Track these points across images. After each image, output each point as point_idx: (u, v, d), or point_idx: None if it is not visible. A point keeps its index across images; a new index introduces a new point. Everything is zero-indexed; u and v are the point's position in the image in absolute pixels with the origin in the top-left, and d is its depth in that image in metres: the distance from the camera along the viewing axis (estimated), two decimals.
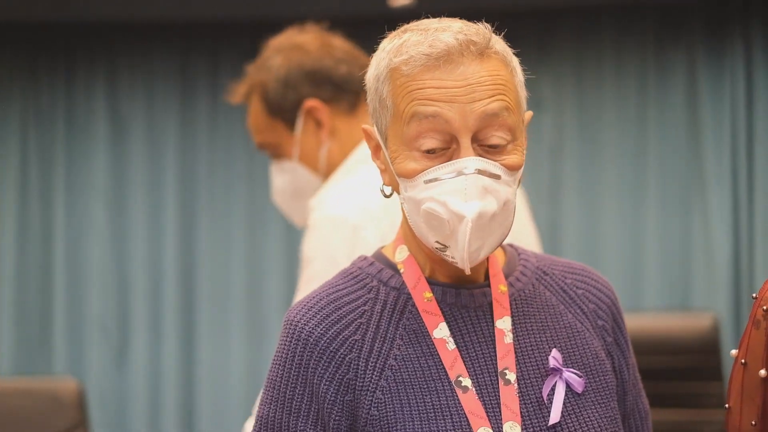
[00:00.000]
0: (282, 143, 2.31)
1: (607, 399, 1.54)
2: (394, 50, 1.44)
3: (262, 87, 2.30)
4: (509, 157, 1.42)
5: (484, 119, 1.39)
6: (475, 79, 1.39)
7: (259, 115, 2.32)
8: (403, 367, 1.46)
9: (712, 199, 5.28)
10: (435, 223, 1.41)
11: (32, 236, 5.54)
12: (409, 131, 1.41)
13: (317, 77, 2.29)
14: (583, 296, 1.61)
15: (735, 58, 5.32)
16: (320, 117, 2.27)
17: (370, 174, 2.15)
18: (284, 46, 2.34)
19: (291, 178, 2.33)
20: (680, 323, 4.69)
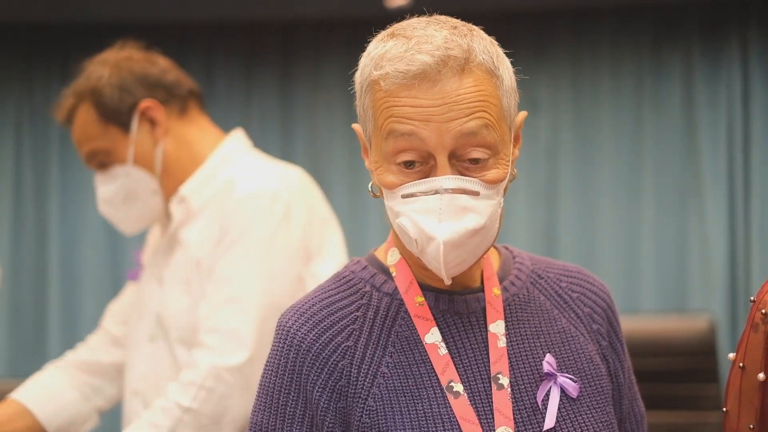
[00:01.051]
0: (115, 148, 2.35)
1: (603, 404, 1.53)
2: (375, 61, 1.41)
3: (93, 95, 2.34)
4: (490, 173, 1.40)
5: (460, 138, 1.37)
6: (452, 98, 1.36)
7: (91, 123, 2.35)
8: (395, 374, 1.45)
9: (708, 200, 5.28)
10: (406, 238, 1.42)
11: (27, 238, 5.53)
12: (387, 147, 1.40)
13: (149, 81, 2.37)
14: (578, 300, 1.61)
15: (731, 60, 5.33)
16: (156, 116, 2.35)
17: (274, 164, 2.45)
18: (108, 60, 2.39)
19: (123, 182, 2.37)
20: (676, 325, 4.69)
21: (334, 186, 5.52)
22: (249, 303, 2.18)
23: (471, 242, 1.39)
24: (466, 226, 1.37)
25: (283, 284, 2.26)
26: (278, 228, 2.25)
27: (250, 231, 2.23)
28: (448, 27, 1.41)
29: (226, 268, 2.22)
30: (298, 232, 2.29)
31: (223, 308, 2.18)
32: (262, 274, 2.22)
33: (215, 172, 2.37)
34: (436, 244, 1.37)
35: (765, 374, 1.34)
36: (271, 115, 5.58)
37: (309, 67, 5.57)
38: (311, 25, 5.56)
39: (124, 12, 5.30)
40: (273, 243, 2.24)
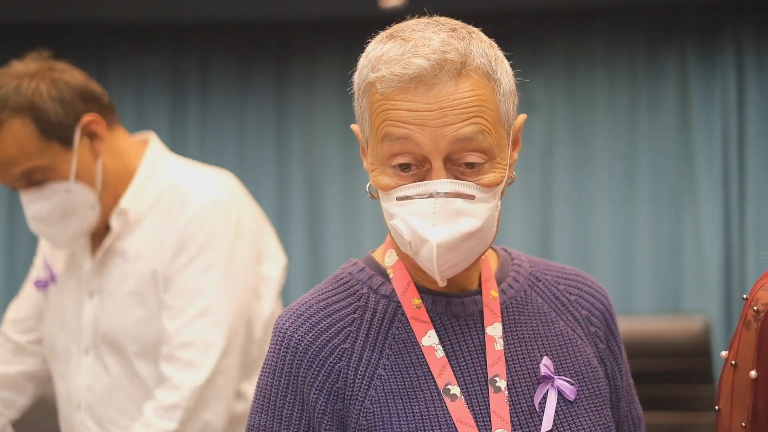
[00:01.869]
0: (56, 164, 2.26)
1: (600, 406, 1.53)
2: (373, 63, 1.41)
3: (31, 110, 2.23)
4: (486, 177, 1.40)
5: (455, 143, 1.36)
6: (448, 102, 1.36)
7: (29, 139, 2.23)
8: (392, 377, 1.45)
9: (703, 201, 5.28)
10: (400, 240, 1.41)
11: (20, 240, 5.52)
12: (382, 150, 1.40)
13: (85, 94, 2.31)
14: (575, 302, 1.60)
15: (726, 62, 5.33)
16: (98, 130, 2.30)
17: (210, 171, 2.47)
18: (32, 72, 2.28)
19: (61, 199, 2.29)
20: (671, 326, 4.69)
21: (330, 187, 5.51)
22: (220, 315, 2.23)
23: (465, 245, 1.39)
24: (460, 229, 1.37)
25: (246, 292, 2.31)
26: (235, 237, 2.30)
27: (212, 243, 2.26)
28: (446, 29, 1.41)
29: (191, 282, 2.24)
30: (249, 239, 2.34)
31: (195, 322, 2.21)
32: (229, 285, 2.26)
33: (148, 180, 2.37)
34: (430, 246, 1.36)
35: (757, 372, 1.34)
36: (267, 116, 5.58)
37: (304, 67, 5.57)
38: (306, 26, 5.55)
39: (118, 12, 5.29)
40: (233, 253, 2.28)
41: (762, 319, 1.34)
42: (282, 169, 5.53)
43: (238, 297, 2.27)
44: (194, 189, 2.32)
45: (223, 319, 2.22)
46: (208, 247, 2.25)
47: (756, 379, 1.34)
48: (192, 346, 2.19)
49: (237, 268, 2.28)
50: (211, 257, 2.25)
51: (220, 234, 2.27)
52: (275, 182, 5.50)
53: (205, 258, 2.25)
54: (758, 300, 1.35)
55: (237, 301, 2.26)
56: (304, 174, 5.55)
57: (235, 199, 2.35)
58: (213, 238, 2.26)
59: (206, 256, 2.25)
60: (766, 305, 1.34)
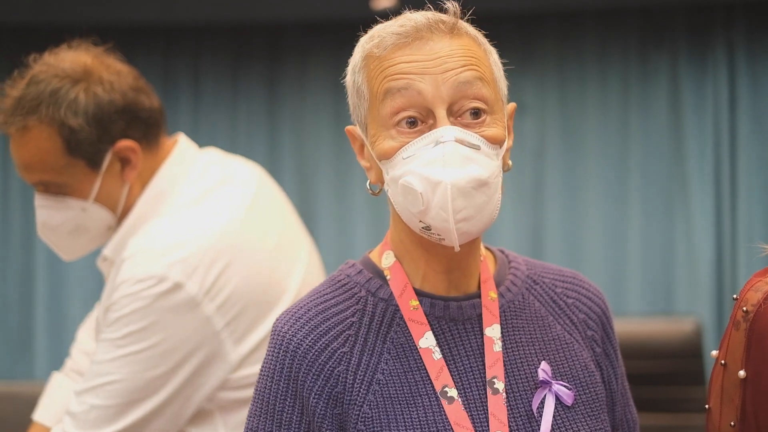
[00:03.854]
0: (77, 183, 2.08)
1: (597, 411, 1.53)
2: (367, 39, 1.46)
3: (62, 126, 2.03)
4: (488, 129, 1.41)
5: (457, 88, 1.39)
6: (446, 52, 1.40)
7: (53, 154, 2.05)
8: (390, 381, 1.45)
9: (694, 203, 5.30)
10: (411, 198, 1.40)
11: (13, 241, 5.51)
12: (384, 109, 1.41)
13: (128, 114, 2.10)
14: (573, 305, 1.60)
15: (717, 63, 5.34)
16: (132, 158, 2.10)
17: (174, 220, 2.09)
18: (77, 75, 2.07)
19: (75, 215, 2.11)
20: (663, 328, 4.69)
21: (321, 187, 5.52)
22: (116, 398, 2.01)
23: (477, 196, 1.38)
24: (471, 173, 1.37)
25: (165, 378, 2.05)
26: (156, 321, 1.99)
27: (123, 323, 1.99)
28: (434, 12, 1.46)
29: (101, 355, 2.02)
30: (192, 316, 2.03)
31: (86, 395, 2.02)
32: (139, 368, 2.02)
33: (132, 227, 2.13)
34: (443, 188, 1.36)
35: (746, 372, 1.34)
36: (258, 117, 5.58)
37: (295, 68, 5.57)
38: (298, 27, 5.56)
39: (110, 14, 5.28)
40: (149, 337, 2.00)
41: (751, 320, 1.34)
42: (273, 170, 5.52)
43: (148, 380, 1.99)
44: (131, 256, 2.02)
45: (119, 400, 1.98)
46: (121, 326, 1.98)
47: (745, 379, 1.35)
48: (74, 419, 2.00)
49: (154, 351, 1.98)
50: (120, 335, 1.98)
51: (137, 313, 1.97)
52: None
53: (115, 335, 1.99)
54: (747, 300, 1.36)
55: (147, 384, 1.99)
56: (296, 174, 5.55)
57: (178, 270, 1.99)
58: (128, 316, 1.98)
59: (116, 333, 1.99)
60: (756, 306, 1.34)
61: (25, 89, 2.07)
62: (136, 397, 1.99)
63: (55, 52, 2.13)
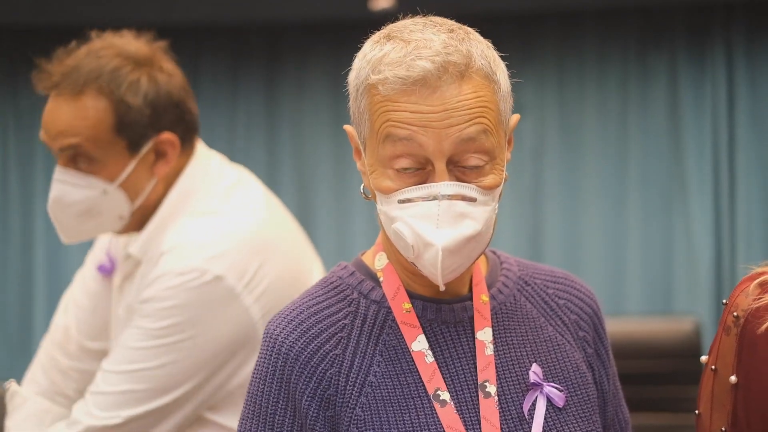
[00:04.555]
0: (108, 161, 2.07)
1: (589, 413, 1.52)
2: (373, 64, 1.39)
3: (120, 102, 2.04)
4: (486, 179, 1.39)
5: (459, 144, 1.36)
6: (452, 104, 1.35)
7: (101, 126, 2.04)
8: (383, 384, 1.44)
9: (693, 203, 5.29)
10: (402, 244, 1.40)
11: (12, 242, 5.52)
12: (384, 152, 1.39)
13: (179, 110, 2.14)
14: (564, 306, 1.60)
15: (716, 63, 5.34)
16: (169, 152, 2.12)
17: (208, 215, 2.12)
18: (140, 59, 2.09)
19: (92, 196, 2.08)
20: (662, 327, 4.69)
21: (320, 188, 5.52)
22: (144, 387, 2.05)
23: (467, 248, 1.38)
24: (464, 233, 1.36)
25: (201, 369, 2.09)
26: (197, 314, 2.03)
27: (167, 314, 2.03)
28: (445, 30, 1.40)
29: (132, 341, 2.05)
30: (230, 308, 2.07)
31: (116, 377, 2.05)
32: (173, 359, 2.06)
33: (156, 230, 2.13)
34: (435, 250, 1.35)
35: (737, 377, 1.34)
36: (257, 118, 5.58)
37: (294, 69, 5.57)
38: (296, 28, 5.55)
39: (109, 14, 5.29)
40: (192, 328, 2.04)
41: (742, 325, 1.34)
42: (272, 171, 5.53)
43: (183, 368, 2.03)
44: (170, 250, 2.05)
45: (151, 385, 2.02)
46: (161, 317, 2.01)
47: (736, 384, 1.34)
48: (104, 398, 2.03)
49: (192, 342, 2.02)
50: (160, 327, 2.01)
51: (178, 307, 2.01)
52: (266, 183, 5.43)
53: (153, 326, 2.02)
54: (738, 305, 1.35)
55: (182, 372, 2.03)
56: (295, 175, 5.55)
57: (219, 264, 2.04)
58: (169, 309, 2.01)
59: (155, 324, 2.01)
60: (746, 311, 1.34)
61: (83, 59, 2.08)
62: (170, 383, 2.03)
63: (121, 34, 2.16)
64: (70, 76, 2.07)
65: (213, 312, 2.03)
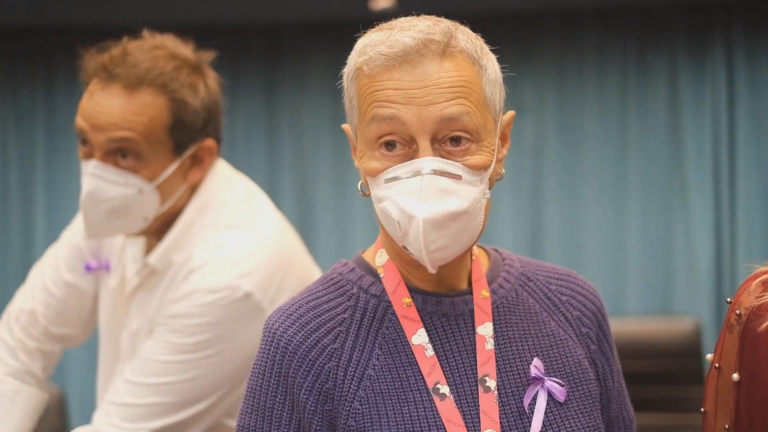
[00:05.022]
0: (152, 160, 2.07)
1: (590, 408, 1.53)
2: (359, 50, 1.44)
3: (180, 103, 2.06)
4: (473, 158, 1.41)
5: (441, 122, 1.38)
6: (433, 81, 1.38)
7: (158, 123, 2.05)
8: (382, 377, 1.45)
9: (693, 203, 5.30)
10: (390, 222, 1.42)
11: (13, 242, 5.52)
12: (370, 132, 1.41)
13: (220, 117, 2.17)
14: (567, 303, 1.60)
15: (716, 63, 5.35)
16: (206, 159, 2.14)
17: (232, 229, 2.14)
18: (193, 64, 2.13)
19: (128, 194, 2.07)
20: (662, 327, 4.69)
21: (320, 188, 5.52)
22: (168, 402, 2.07)
23: (453, 226, 1.39)
24: (447, 207, 1.38)
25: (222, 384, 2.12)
26: (225, 330, 2.06)
27: (195, 330, 2.05)
28: (433, 20, 1.44)
29: (157, 354, 2.06)
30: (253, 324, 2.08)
31: (139, 389, 2.06)
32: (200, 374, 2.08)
33: (177, 239, 2.15)
34: (416, 222, 1.37)
35: (739, 375, 1.34)
36: (257, 119, 5.58)
37: (294, 69, 5.58)
38: (296, 28, 5.56)
39: (108, 15, 5.28)
40: (216, 345, 2.06)
41: (744, 323, 1.35)
42: (272, 171, 5.53)
43: (210, 382, 2.05)
44: (201, 266, 2.07)
45: (178, 398, 2.05)
46: (191, 333, 2.04)
47: (738, 382, 1.35)
48: (129, 410, 2.04)
49: (219, 357, 2.05)
50: (190, 343, 2.04)
51: (210, 324, 2.04)
52: (266, 184, 5.50)
53: (183, 341, 2.04)
54: (741, 304, 1.36)
55: (209, 385, 2.06)
56: (295, 175, 5.55)
57: (250, 281, 2.06)
58: (200, 326, 2.04)
59: (185, 339, 2.04)
60: (749, 309, 1.34)
61: (138, 55, 2.09)
62: (195, 396, 2.05)
63: (167, 36, 2.21)
64: (128, 68, 2.07)
65: (241, 327, 2.06)
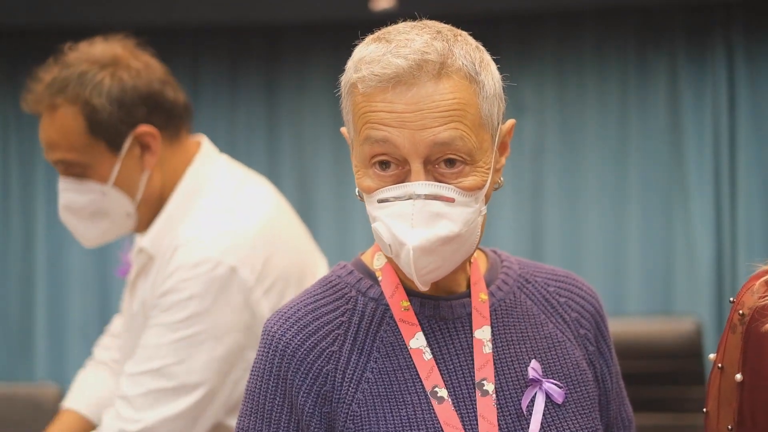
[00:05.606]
0: (97, 164, 2.16)
1: (589, 410, 1.53)
2: (356, 64, 1.42)
3: (85, 105, 2.12)
4: (466, 180, 1.39)
5: (434, 147, 1.36)
6: (427, 104, 1.36)
7: (75, 132, 2.13)
8: (380, 380, 1.45)
9: (694, 203, 5.30)
10: (381, 243, 1.41)
11: (13, 243, 5.52)
12: (363, 152, 1.40)
13: (150, 101, 2.18)
14: (565, 304, 1.60)
15: (716, 63, 5.34)
16: (151, 144, 2.18)
17: (219, 211, 2.18)
18: (106, 61, 2.17)
19: (96, 198, 2.18)
20: (662, 327, 4.69)
21: (320, 189, 5.51)
22: (173, 380, 2.09)
23: (444, 249, 1.38)
24: (438, 233, 1.37)
25: (219, 357, 2.12)
26: (214, 301, 2.08)
27: (183, 306, 2.07)
28: (431, 32, 1.41)
29: (153, 339, 2.09)
30: (240, 297, 2.11)
31: (142, 379, 2.09)
32: (195, 351, 2.09)
33: (170, 219, 2.20)
34: (407, 250, 1.36)
35: (742, 375, 1.34)
36: (257, 119, 5.58)
37: (294, 70, 5.57)
38: (297, 29, 5.55)
39: (109, 15, 5.29)
40: (208, 318, 2.08)
41: (747, 323, 1.35)
42: (273, 172, 5.52)
43: (203, 363, 2.06)
44: (185, 243, 2.11)
45: (175, 383, 2.06)
46: (178, 309, 2.06)
47: (741, 383, 1.35)
48: (130, 402, 2.06)
49: (209, 334, 2.06)
50: (178, 320, 2.06)
51: (195, 298, 2.06)
52: None
53: (172, 319, 2.06)
54: (744, 303, 1.36)
55: (203, 367, 2.06)
56: (295, 176, 5.55)
57: (233, 255, 2.09)
58: (186, 300, 2.06)
59: (173, 317, 2.06)
60: (752, 309, 1.34)
61: (57, 72, 2.18)
62: (190, 381, 2.06)
63: (91, 42, 2.24)
64: (45, 91, 2.17)
65: (226, 302, 2.08)
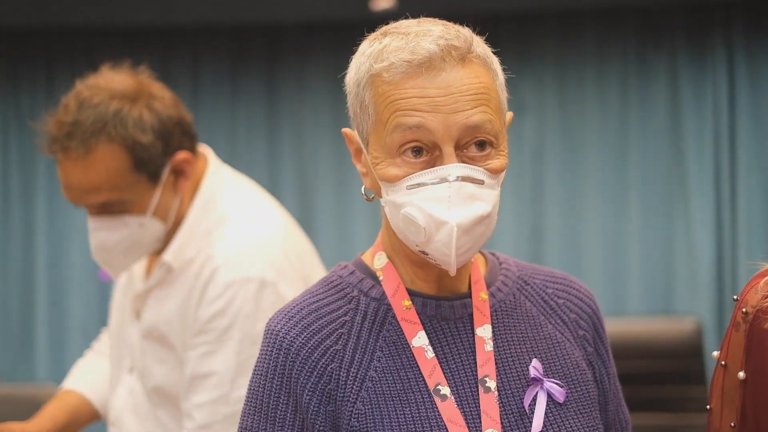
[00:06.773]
0: (137, 199, 2.13)
1: (589, 409, 1.54)
2: (375, 55, 1.42)
3: (132, 143, 2.07)
4: (492, 162, 1.42)
5: (466, 130, 1.38)
6: (457, 88, 1.38)
7: (120, 172, 2.08)
8: (383, 378, 1.45)
9: (694, 203, 5.30)
10: (413, 228, 1.41)
11: (14, 241, 5.52)
12: (393, 141, 1.40)
13: (180, 127, 2.17)
14: (563, 306, 1.61)
15: (717, 63, 5.35)
16: (187, 169, 2.17)
17: (244, 223, 2.19)
18: (131, 94, 2.12)
19: (131, 233, 2.15)
20: (663, 327, 4.69)
21: (321, 189, 5.52)
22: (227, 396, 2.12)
23: (478, 230, 1.40)
24: (476, 212, 1.38)
25: None
26: (258, 318, 2.10)
27: (232, 327, 2.09)
28: (440, 23, 1.44)
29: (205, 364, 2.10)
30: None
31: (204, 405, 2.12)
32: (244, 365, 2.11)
33: (192, 232, 2.20)
34: (449, 228, 1.37)
35: (745, 373, 1.35)
36: (257, 119, 5.58)
37: (295, 70, 5.58)
38: (297, 29, 5.56)
39: (109, 16, 5.29)
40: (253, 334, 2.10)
41: (750, 321, 1.35)
42: (273, 172, 5.53)
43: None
44: (224, 266, 2.11)
45: (227, 396, 2.09)
46: (236, 331, 2.08)
47: (744, 380, 1.35)
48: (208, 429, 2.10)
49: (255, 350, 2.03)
50: (238, 341, 2.08)
51: (240, 317, 2.08)
52: (266, 185, 5.45)
53: (232, 342, 2.08)
54: (747, 302, 1.36)
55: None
56: (296, 176, 5.55)
57: (273, 270, 2.12)
58: (233, 322, 2.08)
59: (232, 340, 2.08)
60: (755, 307, 1.35)
61: (80, 113, 2.08)
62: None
63: (97, 74, 2.19)
64: (75, 134, 2.08)
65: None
